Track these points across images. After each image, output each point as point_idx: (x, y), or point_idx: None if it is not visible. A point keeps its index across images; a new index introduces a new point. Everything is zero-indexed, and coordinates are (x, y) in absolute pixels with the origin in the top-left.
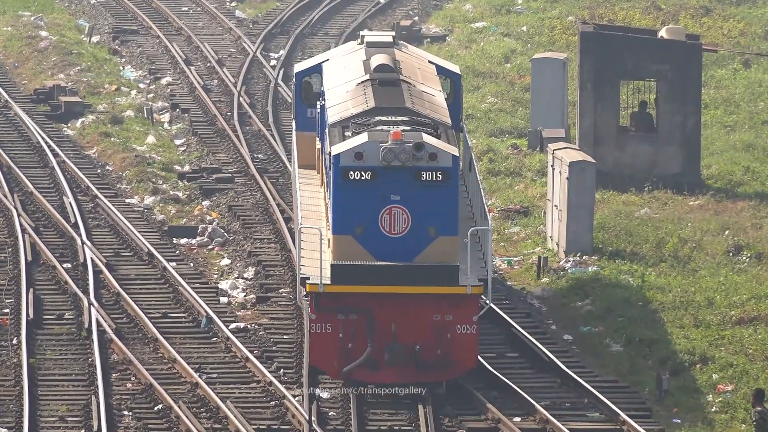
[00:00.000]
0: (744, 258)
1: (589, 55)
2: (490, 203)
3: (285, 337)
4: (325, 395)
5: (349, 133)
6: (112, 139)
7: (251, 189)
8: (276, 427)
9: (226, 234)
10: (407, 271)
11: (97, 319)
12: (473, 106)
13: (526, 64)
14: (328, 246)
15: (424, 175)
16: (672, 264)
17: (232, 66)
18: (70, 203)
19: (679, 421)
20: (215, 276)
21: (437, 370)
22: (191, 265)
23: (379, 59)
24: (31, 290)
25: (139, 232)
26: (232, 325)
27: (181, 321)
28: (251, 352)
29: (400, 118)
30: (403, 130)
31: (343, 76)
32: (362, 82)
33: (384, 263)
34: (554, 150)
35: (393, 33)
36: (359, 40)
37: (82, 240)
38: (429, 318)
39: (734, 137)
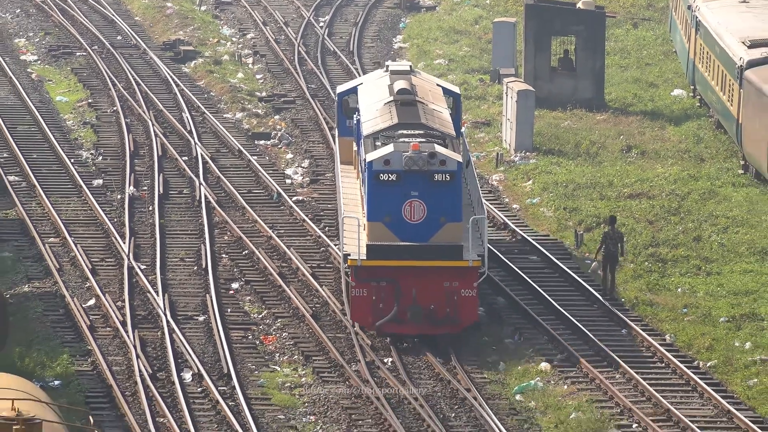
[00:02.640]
0: (633, 154)
1: (531, 19)
2: (465, 118)
3: (329, 206)
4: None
5: (379, 143)
6: (214, 74)
7: (306, 108)
8: (323, 265)
9: (290, 137)
10: (424, 250)
11: (204, 194)
12: (454, 53)
13: (489, 25)
14: (364, 229)
15: (436, 177)
16: (585, 158)
17: (293, 26)
18: (186, 117)
19: (589, 261)
20: (282, 165)
21: (447, 325)
22: (267, 158)
23: (400, 84)
24: (161, 175)
25: (232, 136)
26: (294, 198)
27: (260, 195)
28: (306, 216)
29: (417, 132)
30: (420, 142)
31: (373, 97)
32: (387, 102)
33: (406, 243)
34: (507, 82)
35: (410, 63)
36: (385, 69)
37: (194, 141)
38: (440, 285)
39: (626, 74)
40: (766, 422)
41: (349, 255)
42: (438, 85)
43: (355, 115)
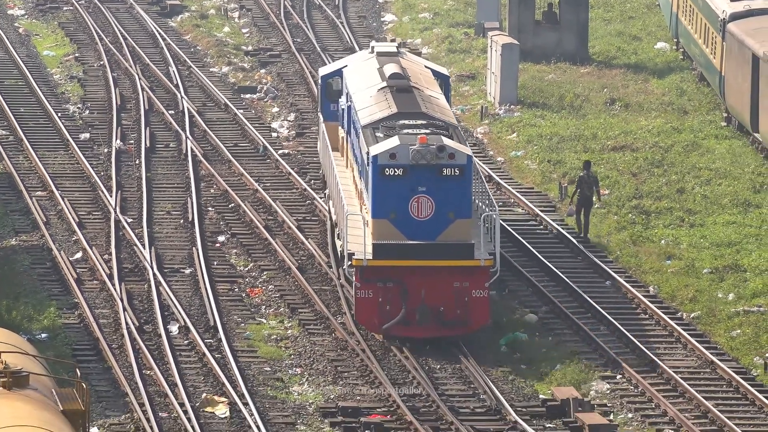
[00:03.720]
0: (616, 107)
1: None
2: (450, 70)
3: (314, 158)
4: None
5: (381, 135)
6: (201, 29)
7: (292, 62)
8: (309, 218)
9: (276, 91)
10: (434, 248)
11: (191, 147)
12: (439, 7)
13: None
14: (367, 226)
15: (445, 171)
16: (569, 111)
17: None
18: (173, 71)
19: (573, 208)
20: (269, 119)
21: (457, 327)
22: (253, 111)
23: (391, 68)
24: (148, 128)
25: (219, 90)
26: (280, 151)
27: (246, 149)
28: (292, 169)
29: (420, 122)
30: (425, 134)
31: (363, 81)
32: (381, 88)
33: (415, 242)
34: (492, 36)
35: (396, 44)
36: (370, 50)
37: (181, 95)
38: (450, 285)
39: (610, 27)
40: (749, 373)
41: (353, 254)
42: (426, 67)
43: (341, 100)
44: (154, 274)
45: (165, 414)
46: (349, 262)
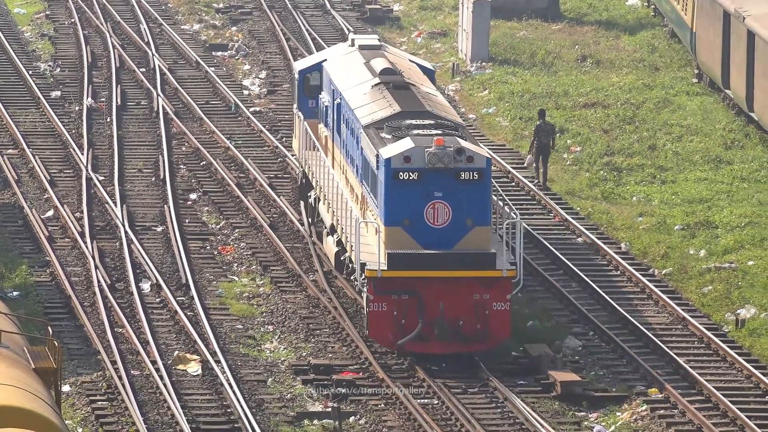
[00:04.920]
0: (587, 63)
1: None
2: (421, 28)
3: (286, 116)
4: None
5: (388, 136)
6: None
7: (263, 19)
8: (281, 176)
9: (247, 48)
10: (452, 258)
11: (162, 105)
12: None
13: None
14: (375, 234)
15: (463, 175)
16: (540, 68)
17: None
18: (144, 29)
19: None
20: (240, 76)
21: (477, 342)
22: (224, 69)
23: (381, 63)
24: (119, 86)
25: (190, 47)
26: (251, 109)
27: (217, 106)
28: (264, 126)
29: (428, 122)
30: (437, 134)
31: (351, 77)
32: (375, 85)
33: (432, 251)
34: None
35: (377, 36)
36: (350, 43)
37: (152, 53)
38: (469, 297)
39: None
40: (720, 329)
41: (365, 264)
42: (411, 61)
43: (321, 96)
44: (125, 232)
45: (137, 372)
46: (362, 274)
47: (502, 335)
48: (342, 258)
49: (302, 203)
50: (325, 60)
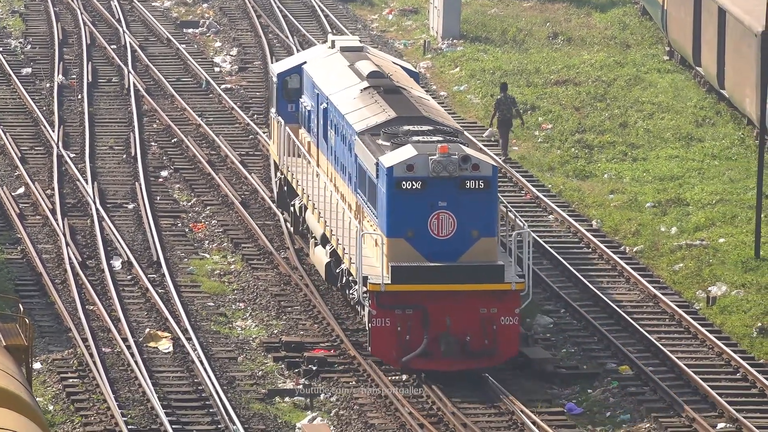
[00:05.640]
0: (559, 41)
1: None
2: (392, 5)
3: (257, 93)
4: None
5: (386, 143)
6: None
7: None
8: (252, 153)
9: (218, 25)
10: (459, 271)
11: (133, 82)
12: None
13: None
14: (376, 245)
15: (468, 184)
16: (512, 45)
17: None
18: (115, 5)
19: (517, 148)
20: (211, 53)
21: (484, 358)
22: (195, 46)
23: (367, 66)
24: (90, 63)
25: (161, 24)
26: (223, 86)
27: (188, 83)
28: (235, 104)
29: (426, 128)
30: (439, 141)
31: (336, 81)
32: (365, 89)
33: (438, 264)
34: None
35: (358, 37)
36: (329, 44)
37: (123, 30)
38: (476, 312)
39: None
40: (691, 306)
41: (367, 278)
42: (395, 63)
43: (302, 100)
44: (96, 209)
45: (108, 349)
46: (363, 288)
47: (511, 351)
48: (337, 271)
49: (279, 211)
50: (305, 62)
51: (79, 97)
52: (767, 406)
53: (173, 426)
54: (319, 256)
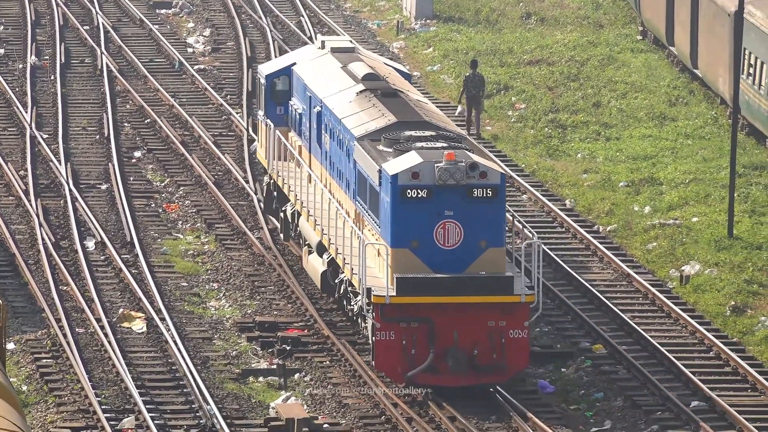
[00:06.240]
0: (532, 21)
1: None
2: None
3: (231, 74)
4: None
5: (388, 149)
6: None
7: None
8: (225, 133)
9: (191, 6)
10: (467, 282)
11: (106, 63)
12: None
13: None
14: (378, 255)
15: (476, 192)
16: (485, 25)
17: None
18: None
19: (490, 128)
20: (184, 34)
21: (493, 373)
22: (168, 27)
23: (362, 68)
24: (63, 44)
25: (134, 5)
26: (196, 67)
27: (162, 64)
28: (208, 84)
29: (428, 134)
30: (445, 147)
31: (329, 83)
32: (361, 92)
33: (445, 275)
34: None
35: (349, 38)
36: (319, 45)
37: (96, 11)
38: (484, 325)
39: None
40: (664, 285)
41: (371, 290)
42: (386, 64)
43: (292, 102)
44: (70, 190)
45: (82, 330)
46: (367, 300)
47: (520, 365)
48: (336, 281)
49: (264, 217)
50: (295, 63)
51: (52, 78)
52: (740, 384)
53: (147, 406)
54: (314, 265)
